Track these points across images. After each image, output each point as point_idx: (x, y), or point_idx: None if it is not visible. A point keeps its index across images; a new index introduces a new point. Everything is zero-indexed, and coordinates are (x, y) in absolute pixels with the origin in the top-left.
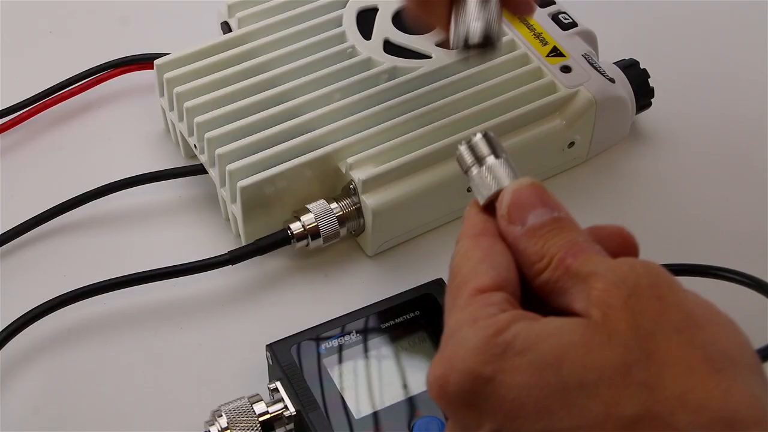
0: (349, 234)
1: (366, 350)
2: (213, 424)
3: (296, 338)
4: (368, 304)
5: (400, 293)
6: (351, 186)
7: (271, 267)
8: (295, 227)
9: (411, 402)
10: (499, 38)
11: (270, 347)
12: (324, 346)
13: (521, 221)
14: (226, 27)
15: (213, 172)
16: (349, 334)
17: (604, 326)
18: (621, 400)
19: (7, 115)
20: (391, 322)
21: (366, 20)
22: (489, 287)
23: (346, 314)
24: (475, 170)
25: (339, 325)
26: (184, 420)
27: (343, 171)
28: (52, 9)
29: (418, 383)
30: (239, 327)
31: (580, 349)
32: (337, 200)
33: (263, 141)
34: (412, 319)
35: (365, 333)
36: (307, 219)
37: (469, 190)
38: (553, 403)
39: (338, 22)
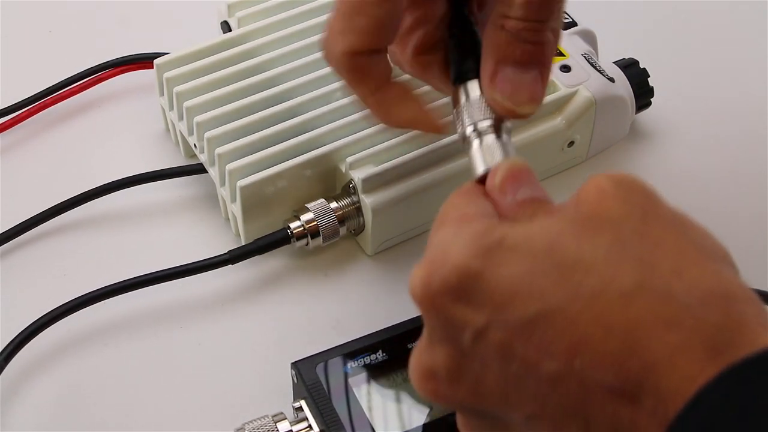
0: (349, 233)
1: (393, 370)
2: None
3: (322, 357)
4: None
5: None
6: (351, 185)
7: (271, 266)
8: (295, 226)
9: (438, 424)
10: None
11: (295, 365)
12: (350, 365)
13: (512, 193)
14: (225, 26)
15: (213, 172)
16: (375, 353)
17: (596, 213)
18: (618, 274)
19: (7, 115)
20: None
21: None
22: (474, 216)
23: (372, 333)
24: (483, 139)
25: (365, 344)
26: (184, 421)
27: (343, 170)
28: (52, 9)
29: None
30: (239, 326)
31: (573, 233)
32: (336, 199)
33: (263, 140)
34: None
35: (392, 353)
36: (307, 218)
37: None
38: (547, 284)
39: None
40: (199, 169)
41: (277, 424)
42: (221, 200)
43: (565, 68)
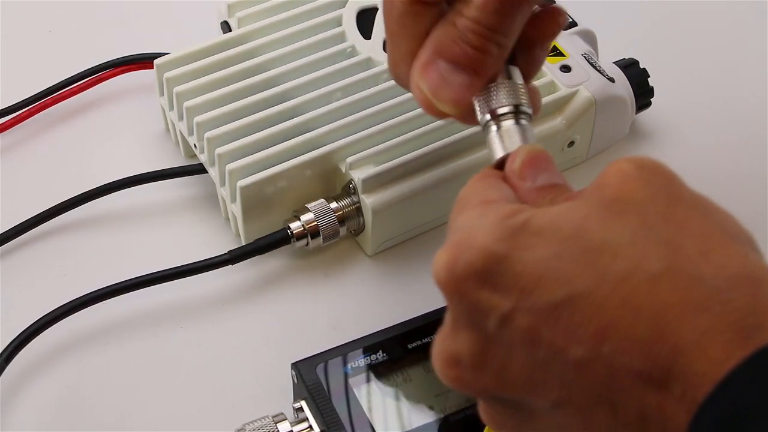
0: (349, 233)
1: (393, 370)
2: None
3: (322, 357)
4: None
5: (427, 313)
6: (351, 185)
7: (271, 266)
8: (295, 226)
9: (439, 424)
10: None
11: (295, 366)
12: (350, 365)
13: (532, 179)
14: (225, 26)
15: (213, 172)
16: (375, 353)
17: (620, 196)
18: (645, 257)
19: (7, 115)
20: (418, 342)
21: (366, 20)
22: (496, 200)
23: (372, 333)
24: (501, 124)
25: (365, 344)
26: (184, 421)
27: (343, 170)
28: (52, 9)
29: (445, 405)
30: (239, 326)
31: (598, 217)
32: (336, 199)
33: (263, 140)
34: None
35: (392, 353)
36: (307, 218)
37: None
38: (575, 268)
39: (338, 21)
40: (199, 169)
41: (278, 424)
42: (221, 200)
43: (565, 68)
